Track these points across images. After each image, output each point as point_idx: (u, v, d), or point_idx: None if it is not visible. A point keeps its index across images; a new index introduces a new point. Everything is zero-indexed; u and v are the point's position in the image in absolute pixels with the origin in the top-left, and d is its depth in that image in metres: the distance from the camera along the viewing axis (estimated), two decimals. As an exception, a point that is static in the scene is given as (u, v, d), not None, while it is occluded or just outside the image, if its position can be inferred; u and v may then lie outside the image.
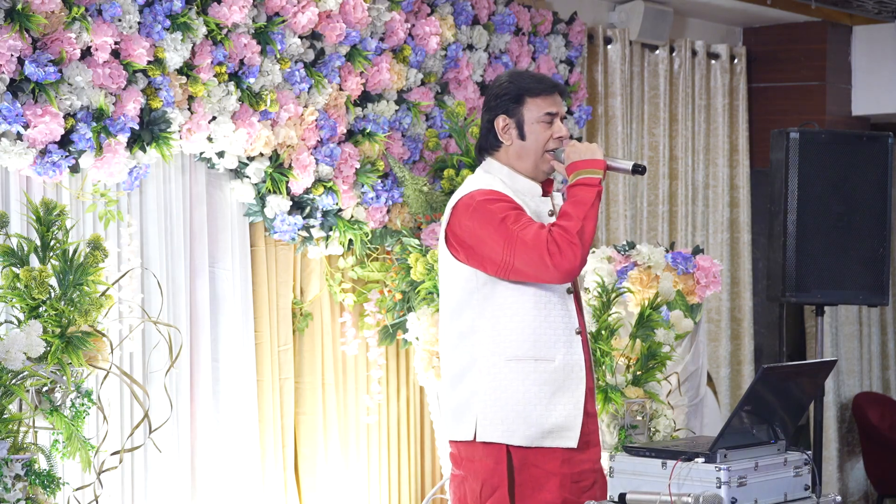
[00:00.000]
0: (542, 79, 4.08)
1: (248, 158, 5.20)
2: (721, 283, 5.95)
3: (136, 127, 4.73)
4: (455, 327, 4.03)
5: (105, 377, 4.41)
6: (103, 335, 4.24)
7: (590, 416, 4.06)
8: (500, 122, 4.03)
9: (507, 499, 3.96)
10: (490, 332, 3.96)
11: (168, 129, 4.80)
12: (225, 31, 5.00)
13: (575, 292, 4.09)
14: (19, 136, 4.44)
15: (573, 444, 3.98)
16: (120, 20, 4.67)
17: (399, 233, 5.66)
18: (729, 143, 7.89)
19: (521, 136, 4.02)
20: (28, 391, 4.04)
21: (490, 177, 4.04)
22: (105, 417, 4.38)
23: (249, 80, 5.09)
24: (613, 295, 5.29)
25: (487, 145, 4.08)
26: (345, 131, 5.52)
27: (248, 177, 5.22)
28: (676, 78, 7.60)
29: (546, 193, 4.11)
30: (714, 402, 6.48)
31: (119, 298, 4.69)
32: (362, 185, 5.53)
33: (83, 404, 4.17)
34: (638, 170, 4.00)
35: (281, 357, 5.41)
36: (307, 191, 5.36)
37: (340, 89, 5.47)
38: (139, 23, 4.74)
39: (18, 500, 3.93)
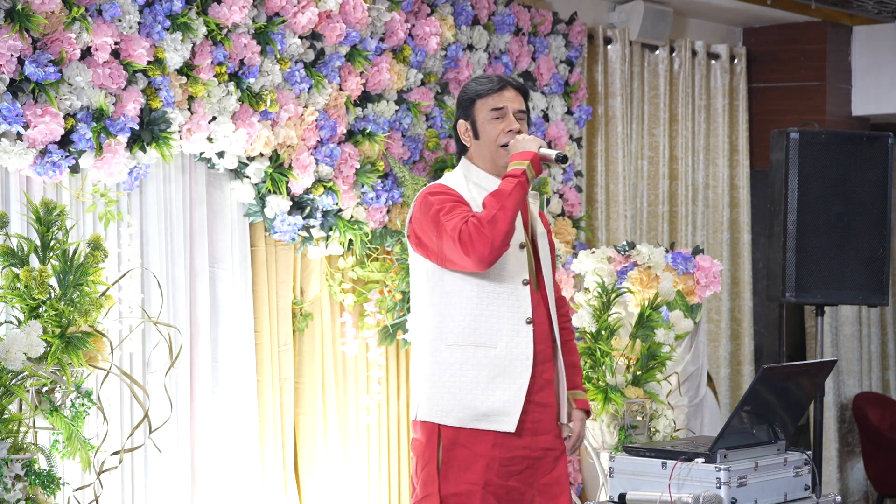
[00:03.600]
0: (491, 78, 4.25)
1: (248, 158, 5.20)
2: (721, 283, 5.95)
3: (136, 127, 4.73)
4: (415, 315, 4.24)
5: (105, 377, 4.41)
6: (103, 335, 4.24)
7: (540, 407, 4.17)
8: (461, 127, 4.26)
9: (434, 475, 4.12)
10: (435, 318, 4.16)
11: (168, 129, 4.81)
12: (225, 31, 5.00)
13: (540, 283, 4.22)
14: (19, 136, 4.44)
15: (510, 428, 4.10)
16: (120, 20, 4.67)
17: (399, 233, 5.66)
18: (729, 143, 7.89)
19: (476, 136, 4.23)
20: (28, 391, 4.03)
21: (454, 174, 4.26)
22: (105, 417, 4.38)
23: (249, 80, 5.09)
24: (613, 295, 5.29)
25: (458, 151, 4.31)
26: (345, 131, 5.53)
27: (248, 177, 5.22)
28: (676, 78, 7.60)
29: None
30: (714, 402, 6.48)
31: (119, 298, 4.69)
32: (362, 185, 5.54)
33: (83, 404, 4.17)
34: (560, 159, 4.11)
35: (281, 357, 5.41)
36: (307, 191, 5.36)
37: (340, 89, 5.47)
38: (139, 23, 4.74)
39: (18, 500, 3.93)
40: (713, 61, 7.83)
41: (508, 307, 4.13)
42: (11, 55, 4.36)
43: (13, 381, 3.93)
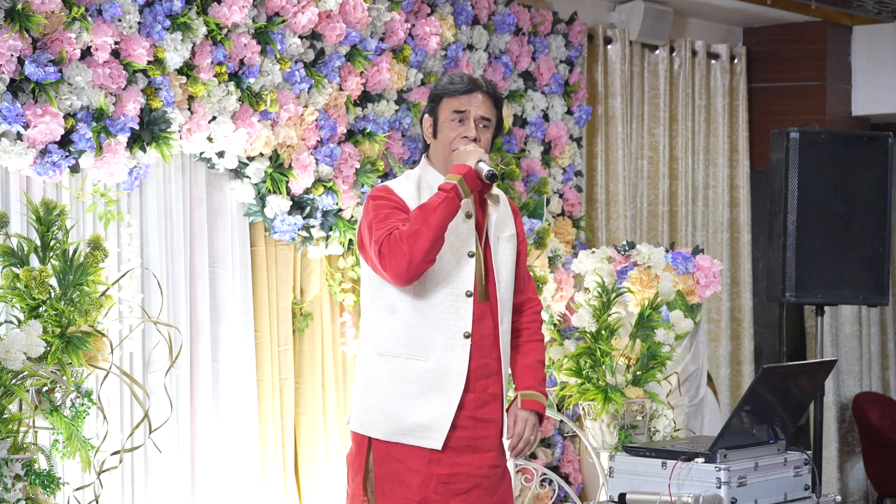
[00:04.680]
0: (461, 79, 4.10)
1: (248, 158, 5.21)
2: (721, 283, 5.94)
3: (136, 127, 4.73)
4: (362, 321, 4.15)
5: (105, 377, 4.41)
6: (103, 335, 4.24)
7: (483, 422, 4.03)
8: (425, 122, 4.13)
9: (361, 488, 4.02)
10: (371, 326, 4.04)
11: (168, 129, 4.81)
12: (225, 31, 5.00)
13: (490, 294, 4.07)
14: (19, 136, 4.44)
15: (436, 445, 3.96)
16: (120, 20, 4.67)
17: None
18: (729, 143, 7.89)
19: (435, 135, 4.10)
20: (28, 391, 4.03)
21: (410, 173, 4.14)
22: (105, 417, 4.38)
23: (249, 80, 5.09)
24: (613, 295, 5.29)
25: (423, 147, 4.19)
26: (345, 131, 5.53)
27: (248, 177, 5.22)
28: (676, 78, 7.60)
29: (483, 192, 4.11)
30: (714, 402, 6.48)
31: (119, 298, 4.69)
32: (362, 185, 5.54)
33: (83, 404, 4.17)
34: (488, 176, 3.94)
35: (281, 357, 5.41)
36: (307, 191, 5.36)
37: (340, 89, 5.48)
38: (139, 23, 4.75)
39: (18, 500, 3.93)
40: (713, 61, 7.83)
41: (445, 320, 3.98)
42: (11, 55, 4.36)
43: (13, 381, 3.93)
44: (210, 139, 5.03)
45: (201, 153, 5.11)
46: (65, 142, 4.55)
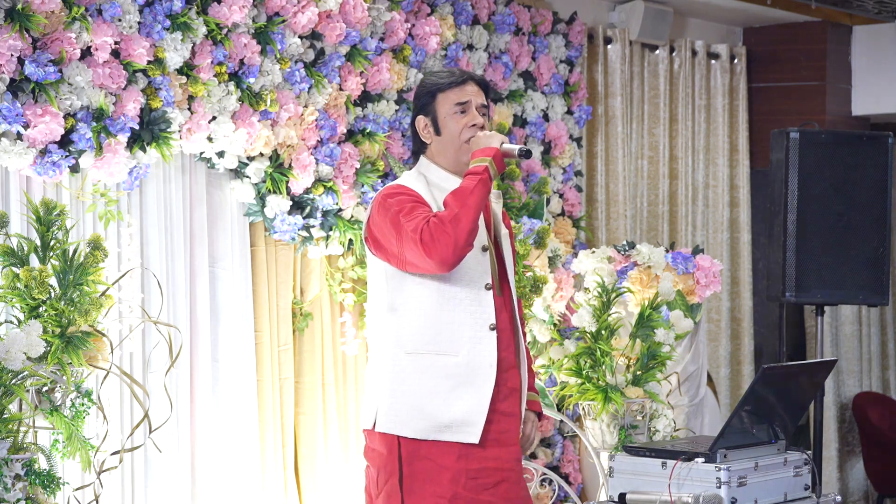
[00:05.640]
0: (452, 72, 4.10)
1: (248, 158, 5.21)
2: (721, 283, 5.95)
3: (136, 127, 4.73)
4: (372, 320, 4.10)
5: (105, 377, 4.41)
6: (103, 335, 4.24)
7: (506, 416, 4.04)
8: (420, 122, 4.09)
9: (397, 488, 3.98)
10: (395, 324, 4.01)
11: (168, 129, 4.81)
12: (225, 31, 5.00)
13: (504, 288, 4.09)
14: (19, 136, 4.44)
15: (473, 439, 3.95)
16: (120, 20, 4.68)
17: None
18: (729, 143, 7.90)
19: (437, 132, 4.07)
20: (28, 391, 4.04)
21: (412, 174, 4.12)
22: (105, 417, 4.38)
23: (249, 80, 5.09)
24: (613, 295, 5.29)
25: (416, 148, 4.15)
26: (345, 131, 5.53)
27: (248, 177, 5.22)
28: (676, 78, 7.60)
29: None
30: (714, 402, 6.48)
31: (119, 298, 4.69)
32: (362, 185, 5.54)
33: (83, 404, 4.17)
34: (523, 153, 3.96)
35: (281, 357, 5.42)
36: (307, 191, 5.36)
37: (340, 89, 5.48)
38: (139, 23, 4.75)
39: (18, 500, 3.93)
40: (713, 61, 7.83)
41: (471, 313, 3.98)
42: (11, 55, 4.36)
43: (13, 381, 3.93)
44: (210, 139, 5.03)
45: (201, 153, 5.11)
46: (65, 142, 4.55)
